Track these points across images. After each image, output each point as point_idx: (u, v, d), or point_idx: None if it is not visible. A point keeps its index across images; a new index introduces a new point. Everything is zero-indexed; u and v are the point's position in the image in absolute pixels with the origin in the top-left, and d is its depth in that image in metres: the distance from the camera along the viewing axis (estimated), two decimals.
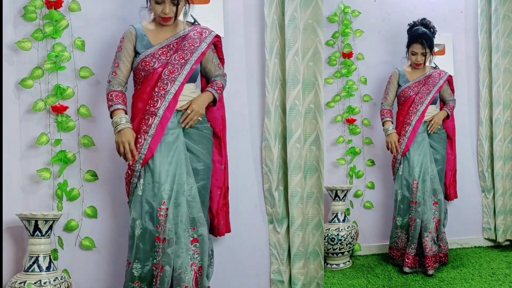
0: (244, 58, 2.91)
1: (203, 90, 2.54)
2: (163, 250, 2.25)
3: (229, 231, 2.70)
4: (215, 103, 2.52)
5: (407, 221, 3.42)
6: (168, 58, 2.38)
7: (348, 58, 3.78)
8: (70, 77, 2.60)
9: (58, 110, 2.54)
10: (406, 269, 3.35)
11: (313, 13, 2.90)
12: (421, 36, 3.39)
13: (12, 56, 2.52)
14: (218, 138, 2.58)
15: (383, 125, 3.53)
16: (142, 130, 2.31)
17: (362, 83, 3.83)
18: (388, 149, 3.47)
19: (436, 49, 3.95)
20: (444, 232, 3.50)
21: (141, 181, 2.30)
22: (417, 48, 3.42)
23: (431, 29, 3.49)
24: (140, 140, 2.30)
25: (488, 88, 4.05)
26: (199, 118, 2.41)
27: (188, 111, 2.39)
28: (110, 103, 2.34)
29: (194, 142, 2.42)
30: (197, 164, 2.41)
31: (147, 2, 2.41)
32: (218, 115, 2.59)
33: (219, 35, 2.53)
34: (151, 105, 2.32)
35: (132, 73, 2.44)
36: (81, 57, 2.62)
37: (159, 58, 2.37)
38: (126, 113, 2.33)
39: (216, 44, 2.55)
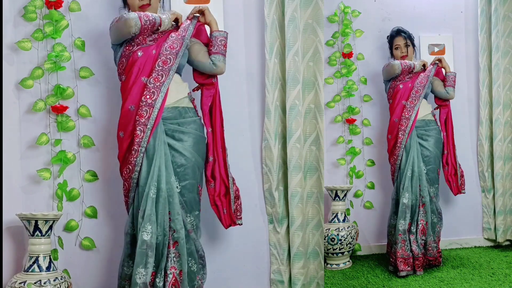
0: (244, 58, 2.91)
1: (197, 88, 2.54)
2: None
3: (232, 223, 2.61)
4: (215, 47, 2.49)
5: (395, 222, 3.40)
6: (150, 41, 2.36)
7: (348, 58, 3.78)
8: (70, 77, 2.60)
9: (58, 110, 2.54)
10: (390, 268, 3.39)
11: (313, 13, 2.90)
12: (399, 30, 3.57)
13: (12, 56, 2.52)
14: (211, 133, 2.50)
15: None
16: (140, 123, 2.28)
17: (362, 83, 3.83)
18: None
19: (436, 49, 3.97)
20: (431, 235, 3.38)
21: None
22: (399, 40, 3.55)
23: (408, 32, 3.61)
24: (139, 133, 2.27)
25: (488, 88, 4.05)
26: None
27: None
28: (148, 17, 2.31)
29: (175, 140, 2.35)
30: (179, 161, 2.33)
31: (123, 3, 2.46)
32: (208, 95, 2.52)
33: (200, 21, 2.51)
34: (147, 96, 2.29)
35: (116, 66, 2.42)
36: (81, 57, 2.62)
37: (139, 42, 2.34)
38: None
39: (200, 28, 2.51)
